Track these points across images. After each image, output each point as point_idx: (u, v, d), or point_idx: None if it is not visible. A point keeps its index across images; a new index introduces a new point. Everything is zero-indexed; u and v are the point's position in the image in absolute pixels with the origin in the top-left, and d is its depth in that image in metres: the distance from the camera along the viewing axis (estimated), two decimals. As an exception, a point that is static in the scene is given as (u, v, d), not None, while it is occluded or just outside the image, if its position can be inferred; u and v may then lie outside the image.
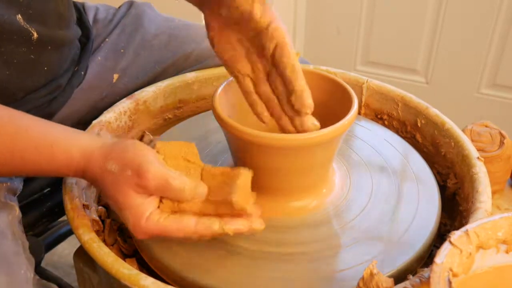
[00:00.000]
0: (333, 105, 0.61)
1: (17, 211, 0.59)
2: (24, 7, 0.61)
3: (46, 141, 0.51)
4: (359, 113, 0.79)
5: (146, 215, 0.48)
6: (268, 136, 0.53)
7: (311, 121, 0.54)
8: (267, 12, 0.52)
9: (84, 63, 0.76)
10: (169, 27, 0.84)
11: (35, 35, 0.62)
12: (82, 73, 0.76)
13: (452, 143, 0.66)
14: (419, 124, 0.72)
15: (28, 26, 0.61)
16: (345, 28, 1.75)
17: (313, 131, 0.53)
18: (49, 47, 0.66)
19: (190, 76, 0.80)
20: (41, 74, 0.68)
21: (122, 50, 0.82)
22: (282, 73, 0.53)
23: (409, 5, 1.61)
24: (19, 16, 0.60)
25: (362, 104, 0.79)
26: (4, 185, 0.60)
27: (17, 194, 0.64)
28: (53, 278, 0.93)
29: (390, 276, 0.49)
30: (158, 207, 0.49)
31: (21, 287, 0.51)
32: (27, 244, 0.57)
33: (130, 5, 0.87)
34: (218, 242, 0.55)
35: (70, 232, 1.04)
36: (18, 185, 0.64)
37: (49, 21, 0.65)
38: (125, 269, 0.49)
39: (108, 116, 0.70)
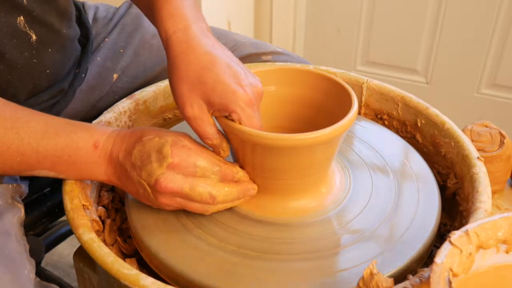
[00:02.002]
0: (333, 105, 0.61)
1: (22, 213, 0.59)
2: (28, 11, 0.61)
3: (80, 121, 0.58)
4: (359, 113, 0.79)
5: (183, 143, 0.55)
6: (268, 135, 0.53)
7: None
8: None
9: (84, 65, 0.76)
10: None
11: (34, 37, 0.63)
12: (83, 75, 0.76)
13: (452, 143, 0.66)
14: (419, 124, 0.72)
15: (27, 28, 0.61)
16: (345, 28, 1.76)
17: (313, 131, 0.53)
18: (50, 50, 0.66)
19: (190, 76, 0.80)
20: (43, 78, 0.68)
21: (121, 50, 0.82)
22: None
23: (409, 5, 1.62)
24: (21, 18, 0.60)
25: (362, 104, 0.79)
26: (11, 186, 0.60)
27: (23, 197, 0.64)
28: (53, 278, 0.93)
29: (390, 276, 0.48)
30: None
31: (24, 286, 0.51)
32: (27, 246, 0.57)
33: (130, 4, 0.87)
34: (218, 241, 0.55)
35: (70, 232, 1.04)
36: (25, 188, 0.64)
37: (50, 21, 0.65)
38: (125, 269, 0.49)
39: (108, 116, 0.70)
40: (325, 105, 0.63)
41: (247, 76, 0.56)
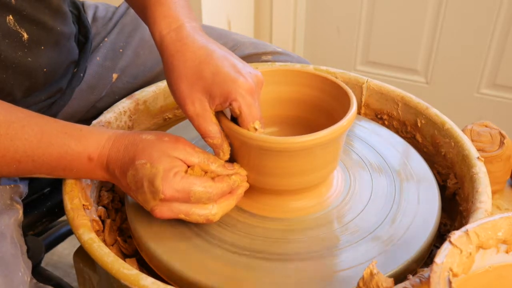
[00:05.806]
0: (332, 106, 0.61)
1: (20, 214, 0.59)
2: (17, 10, 0.61)
3: (75, 125, 0.57)
4: (359, 113, 0.79)
5: (176, 170, 0.53)
6: (268, 138, 0.53)
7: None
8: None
9: (83, 64, 0.76)
10: None
11: (25, 36, 0.62)
12: (82, 74, 0.76)
13: (452, 143, 0.66)
14: (419, 124, 0.72)
15: (17, 27, 0.61)
16: (345, 28, 1.75)
17: (311, 134, 0.53)
18: (43, 47, 0.66)
19: (190, 76, 0.80)
20: (40, 76, 0.67)
21: (121, 50, 0.82)
22: None
23: (409, 5, 1.61)
24: (10, 17, 0.60)
25: (362, 104, 0.79)
26: (8, 187, 0.60)
27: (23, 198, 0.64)
28: (53, 278, 0.93)
29: (390, 276, 0.49)
30: (186, 171, 0.54)
31: None
32: (25, 248, 0.57)
33: (130, 4, 0.87)
34: (218, 241, 0.55)
35: (70, 232, 1.04)
36: (24, 188, 0.64)
37: (43, 19, 0.65)
38: (125, 269, 0.49)
39: (108, 116, 0.70)
40: (325, 105, 0.63)
41: (245, 66, 0.56)
